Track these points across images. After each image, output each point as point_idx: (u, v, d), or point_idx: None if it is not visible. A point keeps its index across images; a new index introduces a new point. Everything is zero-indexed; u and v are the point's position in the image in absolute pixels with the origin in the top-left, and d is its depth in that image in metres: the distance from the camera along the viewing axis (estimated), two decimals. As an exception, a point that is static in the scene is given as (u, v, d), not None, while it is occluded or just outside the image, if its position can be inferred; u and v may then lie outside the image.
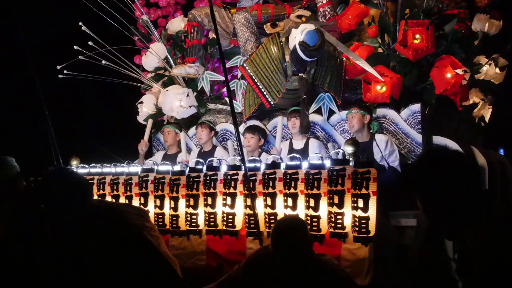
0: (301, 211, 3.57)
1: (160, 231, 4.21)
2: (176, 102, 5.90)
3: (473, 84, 6.09)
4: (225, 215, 3.84)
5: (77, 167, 4.83)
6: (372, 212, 3.36)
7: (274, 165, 3.75)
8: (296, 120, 4.84)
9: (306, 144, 4.84)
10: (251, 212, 3.64)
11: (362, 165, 3.40)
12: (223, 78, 5.90)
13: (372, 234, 3.36)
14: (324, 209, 3.50)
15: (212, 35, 6.32)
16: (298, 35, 4.55)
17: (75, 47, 5.53)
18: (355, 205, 3.38)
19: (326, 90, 5.03)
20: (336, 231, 3.45)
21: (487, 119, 6.07)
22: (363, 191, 3.35)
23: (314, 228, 3.49)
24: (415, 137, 4.76)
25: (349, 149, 3.64)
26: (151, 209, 4.23)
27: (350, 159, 3.53)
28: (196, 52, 6.10)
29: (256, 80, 4.87)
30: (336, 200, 3.43)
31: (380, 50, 5.24)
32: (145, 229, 2.66)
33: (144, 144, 5.84)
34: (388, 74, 4.81)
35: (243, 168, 3.77)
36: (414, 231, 4.33)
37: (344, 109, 4.96)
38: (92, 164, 4.75)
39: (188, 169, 4.15)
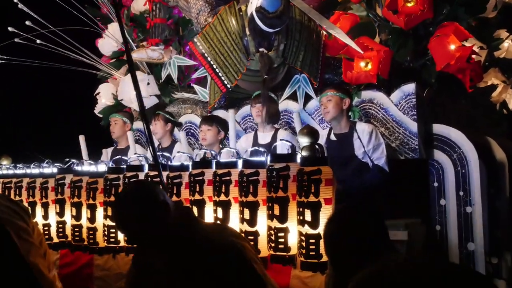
0: (235, 226, 2.64)
1: (79, 248, 3.43)
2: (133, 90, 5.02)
3: (491, 63, 5.05)
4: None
5: (8, 168, 4.02)
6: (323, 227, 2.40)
7: (203, 163, 2.82)
8: (261, 106, 3.89)
9: (274, 137, 3.89)
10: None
11: (310, 161, 2.44)
12: (194, 63, 5.01)
13: (326, 258, 2.40)
14: (263, 224, 2.56)
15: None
16: (255, 0, 3.61)
17: (9, 28, 4.72)
18: (301, 218, 2.42)
19: (299, 70, 4.07)
20: (279, 253, 2.50)
21: (510, 106, 5.00)
22: (312, 198, 2.39)
23: (250, 248, 2.55)
24: (409, 125, 3.74)
25: (304, 141, 2.68)
26: (68, 220, 3.38)
27: (301, 154, 2.57)
28: (159, 33, 5.23)
29: (209, 59, 3.95)
30: (276, 211, 2.48)
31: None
32: (13, 226, 1.97)
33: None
34: (375, 47, 3.82)
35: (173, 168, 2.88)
36: (404, 247, 3.35)
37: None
38: (14, 165, 3.94)
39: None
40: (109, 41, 5.33)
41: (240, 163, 2.67)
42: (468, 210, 3.63)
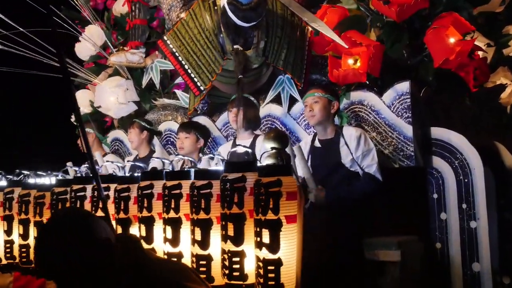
0: (186, 248, 2.23)
1: (27, 271, 3.05)
2: (111, 97, 4.68)
3: (500, 61, 4.60)
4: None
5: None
6: (287, 252, 1.98)
7: (153, 173, 2.42)
8: (240, 111, 3.49)
9: (253, 145, 3.48)
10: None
11: (269, 170, 2.02)
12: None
13: (289, 288, 1.97)
14: (217, 246, 2.14)
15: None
16: (227, -10, 3.22)
17: (-26, 30, 4.40)
18: (259, 239, 2.00)
19: (281, 69, 3.67)
20: (234, 282, 2.07)
21: (521, 108, 4.54)
22: (270, 215, 1.97)
23: (203, 275, 2.13)
24: (403, 129, 3.31)
25: (270, 147, 2.27)
26: (16, 239, 3.00)
27: (262, 162, 2.15)
28: (139, 34, 4.86)
29: (180, 58, 3.56)
30: (231, 230, 2.06)
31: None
32: None
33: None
34: (364, 41, 3.40)
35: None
36: (397, 269, 2.93)
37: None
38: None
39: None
40: (87, 45, 4.98)
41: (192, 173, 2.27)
42: (472, 225, 3.17)
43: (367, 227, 3.12)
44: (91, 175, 2.39)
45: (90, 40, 4.89)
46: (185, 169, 2.36)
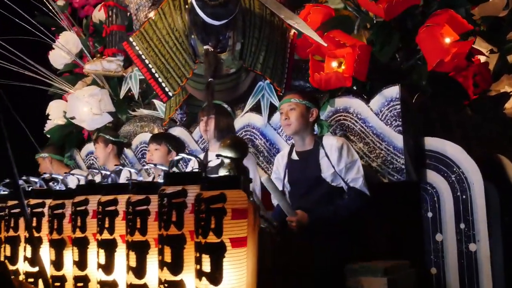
0: (121, 276, 1.87)
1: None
2: (85, 107, 4.36)
3: (504, 68, 4.27)
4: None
5: None
6: (234, 283, 1.61)
7: (90, 186, 2.07)
8: (209, 120, 3.15)
9: (226, 157, 3.11)
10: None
11: (212, 183, 1.66)
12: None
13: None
14: (154, 274, 1.77)
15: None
16: (194, -16, 2.90)
17: None
18: (199, 267, 1.63)
19: (259, 73, 3.33)
20: (171, 319, 1.71)
21: (527, 119, 4.18)
22: (211, 238, 1.60)
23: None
24: (392, 139, 2.94)
25: (228, 154, 1.92)
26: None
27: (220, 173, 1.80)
28: (117, 41, 4.55)
29: (147, 61, 3.22)
30: (168, 256, 1.70)
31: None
32: None
33: None
34: (348, 42, 3.05)
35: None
36: (384, 299, 2.53)
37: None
38: None
39: None
40: (61, 53, 4.69)
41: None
42: (471, 248, 2.78)
43: (351, 250, 2.73)
44: (15, 191, 2.04)
45: (64, 48, 4.59)
46: (124, 182, 2.01)
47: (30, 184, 2.56)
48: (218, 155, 1.83)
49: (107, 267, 1.88)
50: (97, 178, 2.36)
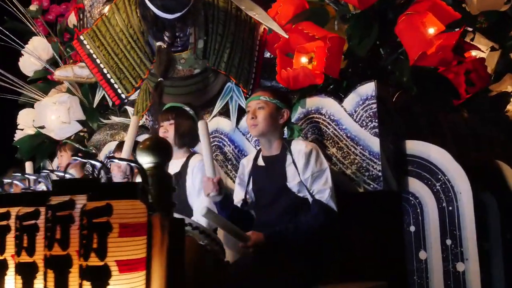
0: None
1: None
2: (53, 115, 4.08)
3: (506, 67, 3.92)
4: None
5: None
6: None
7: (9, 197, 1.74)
8: (169, 125, 2.83)
9: (185, 166, 2.79)
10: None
11: (99, 191, 1.33)
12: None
13: None
14: (41, 303, 1.44)
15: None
16: (144, -26, 2.60)
17: None
18: (81, 296, 1.30)
19: (223, 73, 3.02)
20: None
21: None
22: (93, 260, 1.27)
23: None
24: (368, 143, 2.58)
25: (145, 161, 1.61)
26: None
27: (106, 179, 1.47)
28: (89, 46, 4.27)
29: (98, 61, 2.93)
30: (51, 281, 1.36)
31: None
32: None
33: None
34: (319, 34, 2.71)
35: None
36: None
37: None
38: None
39: None
40: (31, 59, 4.43)
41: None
42: (459, 267, 2.40)
43: (319, 272, 2.37)
44: None
45: (33, 54, 4.33)
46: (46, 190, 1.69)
47: None
48: (121, 159, 1.50)
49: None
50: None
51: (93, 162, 1.64)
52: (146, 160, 1.62)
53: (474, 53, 3.51)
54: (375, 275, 2.44)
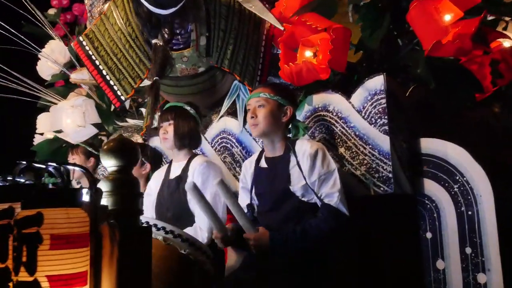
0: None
1: None
2: (68, 119, 4.03)
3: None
4: None
5: None
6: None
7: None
8: (169, 126, 2.70)
9: (186, 169, 2.65)
10: None
11: (28, 198, 1.19)
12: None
13: None
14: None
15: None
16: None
17: None
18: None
19: (227, 70, 2.86)
20: None
21: None
22: (23, 275, 1.13)
23: None
24: (378, 141, 2.36)
25: (109, 164, 1.47)
26: None
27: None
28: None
29: (97, 62, 2.82)
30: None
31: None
32: None
33: None
34: (322, 25, 2.51)
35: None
36: None
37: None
38: None
39: None
40: (48, 63, 4.41)
41: None
42: (480, 279, 2.15)
43: (326, 284, 2.17)
44: None
45: (49, 58, 4.31)
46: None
47: None
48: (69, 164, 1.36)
49: None
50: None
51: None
52: (109, 164, 1.48)
53: (506, 43, 3.22)
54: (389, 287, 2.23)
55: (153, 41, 2.62)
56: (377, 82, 2.38)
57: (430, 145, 2.36)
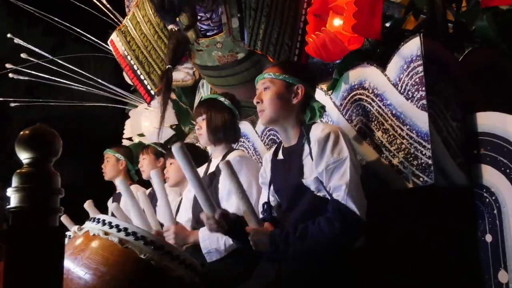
0: None
1: None
2: (145, 122, 4.06)
3: None
4: None
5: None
6: None
7: None
8: (202, 121, 2.49)
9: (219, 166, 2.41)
10: None
11: None
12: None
13: None
14: None
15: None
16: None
17: (7, 65, 4.24)
18: None
19: (259, 53, 2.56)
20: None
21: None
22: None
23: None
24: (416, 121, 1.88)
25: (23, 155, 1.32)
26: None
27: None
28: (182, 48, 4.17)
29: (129, 58, 2.71)
30: None
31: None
32: None
33: None
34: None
35: None
36: None
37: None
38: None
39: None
40: (133, 67, 4.49)
41: None
42: (554, 297, 1.57)
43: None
44: None
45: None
46: None
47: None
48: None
49: None
50: None
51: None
52: (23, 156, 1.31)
53: None
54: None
55: (169, 26, 2.42)
56: (413, 46, 1.90)
57: (488, 121, 1.81)
